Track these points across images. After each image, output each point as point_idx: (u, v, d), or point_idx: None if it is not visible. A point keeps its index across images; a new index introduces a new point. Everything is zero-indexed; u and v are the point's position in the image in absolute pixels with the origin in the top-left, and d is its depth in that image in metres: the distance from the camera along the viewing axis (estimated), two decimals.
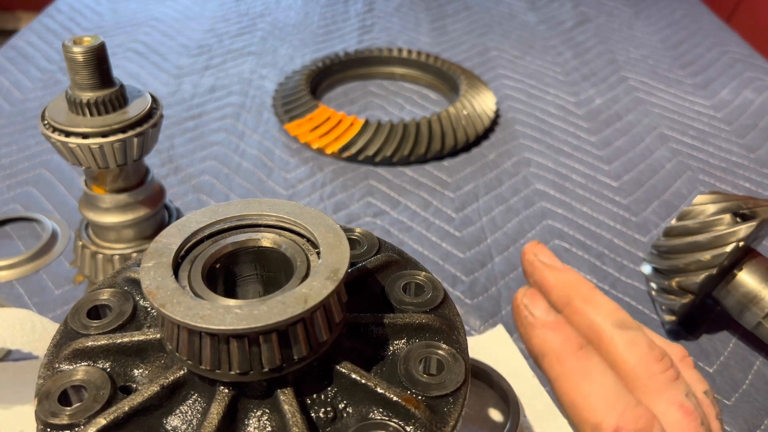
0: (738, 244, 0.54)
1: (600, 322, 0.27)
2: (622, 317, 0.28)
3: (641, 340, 0.27)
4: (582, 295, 0.28)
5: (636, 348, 0.26)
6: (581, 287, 0.29)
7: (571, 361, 0.26)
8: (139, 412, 0.28)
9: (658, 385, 0.26)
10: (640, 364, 0.26)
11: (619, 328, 0.27)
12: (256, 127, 0.92)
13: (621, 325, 0.27)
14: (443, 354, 0.31)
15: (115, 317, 0.32)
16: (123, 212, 0.53)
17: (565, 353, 0.26)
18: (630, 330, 0.27)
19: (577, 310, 0.28)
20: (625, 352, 0.26)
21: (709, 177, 0.84)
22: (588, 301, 0.28)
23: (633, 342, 0.27)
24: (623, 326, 0.27)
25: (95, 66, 0.46)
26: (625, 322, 0.27)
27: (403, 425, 0.28)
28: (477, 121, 0.90)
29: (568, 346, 0.26)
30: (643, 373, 0.26)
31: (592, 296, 0.28)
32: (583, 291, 0.28)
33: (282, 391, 0.28)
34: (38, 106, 0.96)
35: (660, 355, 0.26)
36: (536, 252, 0.30)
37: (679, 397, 0.25)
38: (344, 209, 0.77)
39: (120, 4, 1.32)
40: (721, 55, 1.16)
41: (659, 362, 0.26)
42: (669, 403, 0.25)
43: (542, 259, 0.30)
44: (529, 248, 0.31)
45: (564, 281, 0.29)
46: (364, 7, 1.33)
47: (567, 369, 0.26)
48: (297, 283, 0.28)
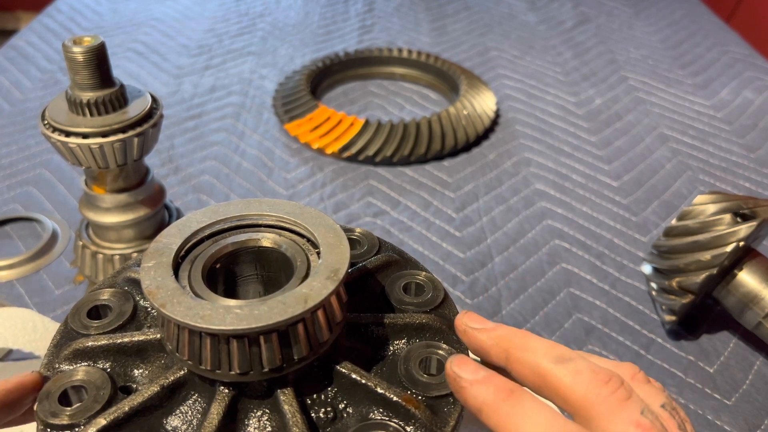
0: (738, 244, 0.54)
1: (539, 363, 0.27)
2: (560, 352, 0.28)
3: (583, 368, 0.27)
4: (516, 345, 0.29)
5: (580, 376, 0.26)
6: (514, 338, 0.29)
7: (505, 407, 0.26)
8: (140, 413, 0.28)
9: (611, 407, 0.26)
10: (588, 391, 0.26)
11: (559, 362, 0.27)
12: (256, 127, 0.92)
13: (559, 359, 0.27)
14: (443, 354, 0.31)
15: (116, 317, 0.32)
16: (123, 212, 0.53)
17: (497, 402, 0.27)
18: (570, 361, 0.27)
19: (517, 360, 0.28)
20: (570, 382, 0.26)
21: (709, 177, 0.84)
22: (524, 348, 0.28)
23: (576, 371, 0.27)
24: (562, 360, 0.27)
25: (95, 66, 0.46)
26: (563, 355, 0.28)
27: (403, 425, 0.28)
28: (477, 121, 0.90)
29: (499, 395, 0.27)
30: (593, 400, 0.26)
31: (527, 342, 0.29)
32: (517, 340, 0.29)
33: (282, 391, 0.28)
34: (38, 106, 0.96)
35: (606, 377, 0.26)
36: (465, 321, 0.31)
37: (634, 416, 0.25)
38: (344, 209, 0.77)
39: (120, 4, 1.32)
40: (721, 55, 1.16)
41: (607, 384, 0.26)
42: (625, 423, 0.25)
43: (473, 326, 0.31)
44: (459, 318, 0.31)
45: (497, 337, 0.30)
46: (364, 7, 1.33)
47: (502, 415, 0.26)
48: (297, 283, 0.28)
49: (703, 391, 0.57)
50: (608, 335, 0.61)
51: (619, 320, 0.63)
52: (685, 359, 0.60)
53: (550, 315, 0.63)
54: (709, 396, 0.56)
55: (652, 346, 0.61)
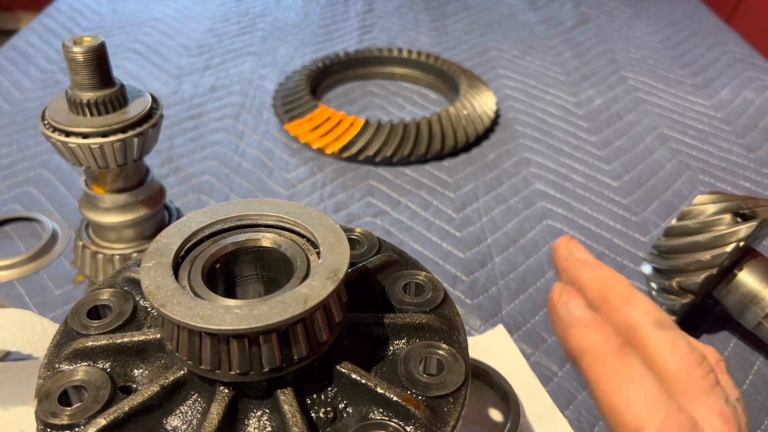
0: (738, 244, 0.54)
1: (639, 321, 0.26)
2: (661, 316, 0.27)
3: (681, 342, 0.26)
4: (619, 293, 0.27)
5: (676, 349, 0.25)
6: (618, 285, 0.28)
7: (611, 362, 0.25)
8: (139, 413, 0.27)
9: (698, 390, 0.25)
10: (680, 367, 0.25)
11: (659, 327, 0.26)
12: (256, 127, 0.92)
13: (660, 324, 0.26)
14: (443, 354, 0.31)
15: (115, 317, 0.32)
16: (123, 212, 0.53)
17: (605, 354, 0.25)
18: (669, 330, 0.26)
19: (614, 309, 0.27)
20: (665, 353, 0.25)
21: (709, 177, 0.84)
22: (626, 299, 0.27)
23: (673, 343, 0.26)
24: (663, 326, 0.26)
25: (95, 66, 0.46)
26: (663, 321, 0.26)
27: (403, 425, 0.28)
28: (477, 121, 0.90)
29: (608, 347, 0.25)
30: (683, 377, 0.25)
31: (630, 294, 0.27)
32: (621, 289, 0.27)
33: (282, 391, 0.28)
34: (38, 106, 0.96)
35: (700, 358, 0.26)
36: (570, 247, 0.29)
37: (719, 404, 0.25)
38: (344, 209, 0.77)
39: (120, 4, 1.32)
40: (721, 55, 1.16)
41: (699, 366, 0.25)
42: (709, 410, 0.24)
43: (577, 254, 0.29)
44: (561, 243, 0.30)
45: (600, 278, 0.28)
46: (364, 7, 1.33)
47: (608, 371, 0.25)
48: (297, 283, 0.28)
49: None
50: None
51: None
52: None
53: None
54: None
55: None
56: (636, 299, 0.27)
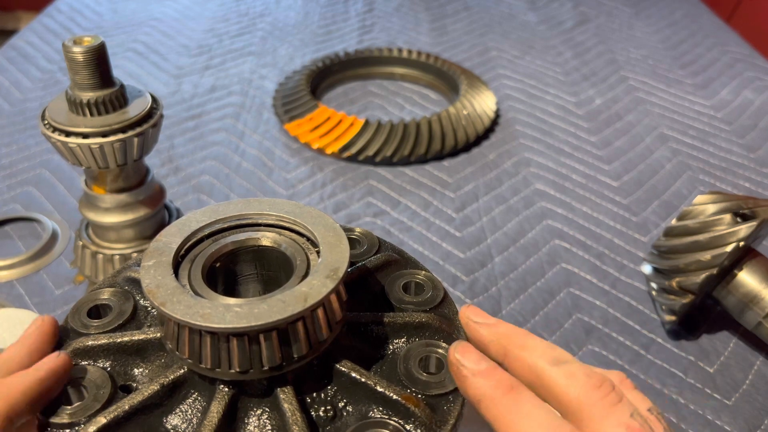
0: (738, 244, 0.54)
1: (536, 363, 0.28)
2: (557, 354, 0.29)
3: (578, 371, 0.28)
4: (516, 343, 0.30)
5: (574, 379, 0.27)
6: (514, 336, 0.30)
7: (504, 401, 0.27)
8: (140, 411, 0.28)
9: (602, 410, 0.26)
10: (581, 394, 0.27)
11: (555, 364, 0.28)
12: (256, 127, 0.92)
13: (556, 361, 0.28)
14: (443, 353, 0.31)
15: (116, 317, 0.32)
16: (123, 212, 0.53)
17: (497, 396, 0.27)
18: (566, 364, 0.28)
19: (515, 358, 0.29)
20: (564, 384, 0.27)
21: (709, 177, 0.84)
22: (523, 346, 0.29)
23: (570, 374, 0.27)
24: (558, 362, 0.28)
25: (95, 66, 0.46)
26: (559, 357, 0.28)
27: (402, 423, 0.28)
28: (477, 121, 0.90)
29: (499, 389, 0.28)
30: (586, 402, 0.27)
31: (525, 341, 0.30)
32: (517, 339, 0.30)
33: (282, 389, 0.28)
34: (38, 106, 0.96)
35: (599, 381, 0.27)
36: (468, 315, 0.32)
37: (624, 418, 0.26)
38: (344, 209, 0.77)
39: (120, 4, 1.32)
40: (721, 55, 1.16)
41: (599, 388, 0.27)
42: (615, 426, 0.26)
43: (475, 319, 0.32)
44: (462, 311, 0.33)
45: (498, 334, 0.31)
46: (364, 7, 1.33)
47: (501, 410, 0.27)
48: (297, 281, 0.28)
49: (703, 391, 0.57)
50: (608, 335, 0.61)
51: (619, 320, 0.63)
52: (685, 359, 0.60)
53: (550, 315, 0.63)
54: (709, 396, 0.56)
55: (652, 346, 0.61)
56: (531, 345, 0.29)
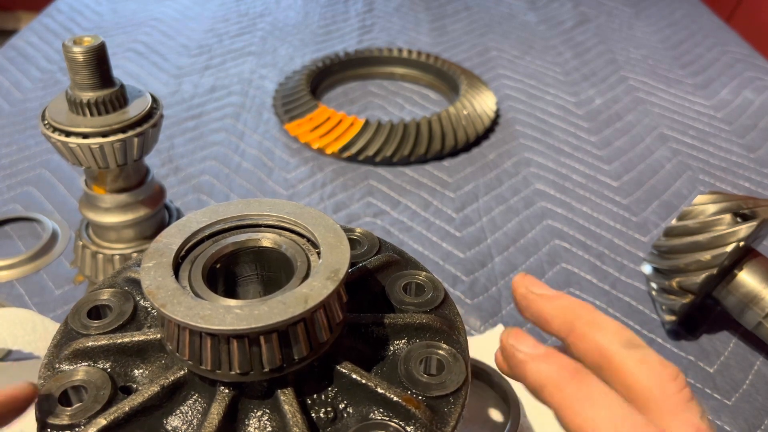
0: (738, 244, 0.54)
1: (607, 344, 0.26)
2: (629, 336, 0.27)
3: (653, 359, 0.26)
4: (584, 319, 0.27)
5: (648, 367, 0.26)
6: (582, 311, 0.28)
7: (570, 387, 0.25)
8: (140, 413, 0.27)
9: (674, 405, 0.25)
10: (653, 384, 0.25)
11: (628, 347, 0.26)
12: (256, 127, 0.92)
13: (629, 344, 0.26)
14: (444, 354, 0.31)
15: (116, 317, 0.32)
16: (123, 212, 0.53)
17: (562, 381, 0.26)
18: (639, 348, 0.26)
19: (581, 335, 0.27)
20: (636, 371, 0.26)
21: (709, 177, 0.84)
22: (591, 324, 0.27)
23: (644, 360, 0.26)
24: (632, 345, 0.26)
25: (95, 66, 0.46)
26: (632, 341, 0.27)
27: (403, 425, 0.28)
28: (477, 121, 0.90)
29: (564, 373, 0.26)
30: (657, 393, 0.25)
31: (595, 318, 0.27)
32: (585, 315, 0.28)
33: (282, 391, 0.28)
34: (38, 106, 0.96)
35: (674, 373, 0.26)
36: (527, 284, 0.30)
37: (695, 419, 0.24)
38: (344, 209, 0.77)
39: (120, 4, 1.32)
40: (721, 55, 1.16)
41: (674, 381, 0.25)
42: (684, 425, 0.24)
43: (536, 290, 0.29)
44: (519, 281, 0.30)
45: (562, 308, 0.28)
46: (364, 7, 1.33)
47: (567, 396, 0.25)
48: (297, 283, 0.28)
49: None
50: None
51: (619, 320, 0.63)
52: (685, 359, 0.60)
53: None
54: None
55: (652, 346, 0.60)
56: (602, 323, 0.27)
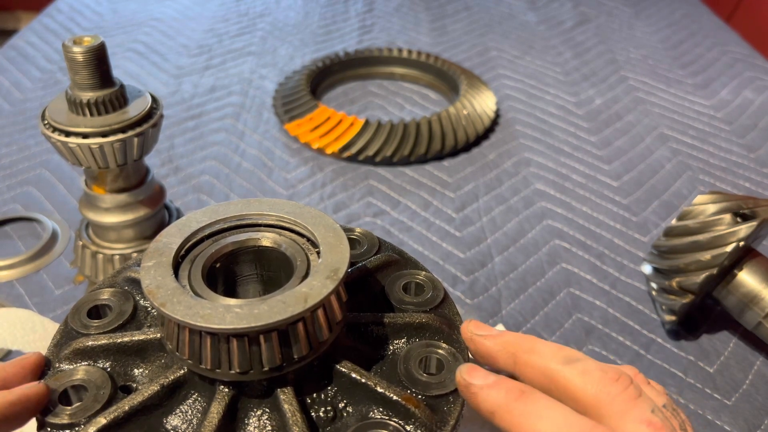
0: (738, 244, 0.54)
1: (548, 365, 0.28)
2: (567, 353, 0.28)
3: (592, 367, 0.27)
4: (524, 348, 0.29)
5: (589, 376, 0.27)
6: (521, 342, 0.30)
7: (517, 407, 0.27)
8: (140, 412, 0.28)
9: (621, 405, 0.26)
10: (598, 390, 0.26)
11: (567, 363, 0.28)
12: (256, 127, 0.92)
13: (567, 360, 0.28)
14: (443, 353, 0.31)
15: (116, 317, 0.32)
16: (123, 212, 0.53)
17: (510, 403, 0.27)
18: (578, 362, 0.28)
19: (525, 364, 0.29)
20: (580, 383, 0.27)
21: (709, 177, 0.84)
22: (531, 350, 0.29)
23: (585, 371, 0.27)
24: (570, 360, 0.28)
25: (95, 66, 0.46)
26: (570, 356, 0.28)
27: (403, 424, 0.28)
28: (477, 121, 0.90)
29: (510, 396, 0.27)
30: (604, 398, 0.26)
31: (534, 345, 0.29)
32: (524, 344, 0.29)
33: (282, 390, 0.28)
34: (38, 106, 0.96)
35: (615, 375, 0.27)
36: (471, 329, 0.32)
37: (645, 414, 0.25)
38: (344, 209, 0.77)
39: (120, 4, 1.32)
40: (721, 55, 1.16)
41: (617, 382, 0.26)
42: (636, 422, 0.25)
43: (479, 333, 0.31)
44: (464, 327, 0.32)
45: (504, 343, 0.30)
46: (364, 7, 1.33)
47: (515, 415, 0.27)
48: (297, 282, 0.28)
49: (703, 391, 0.57)
50: (608, 335, 0.61)
51: (619, 320, 0.63)
52: (685, 359, 0.60)
53: (550, 315, 0.63)
54: (709, 396, 0.56)
55: (652, 346, 0.61)
56: (540, 348, 0.29)
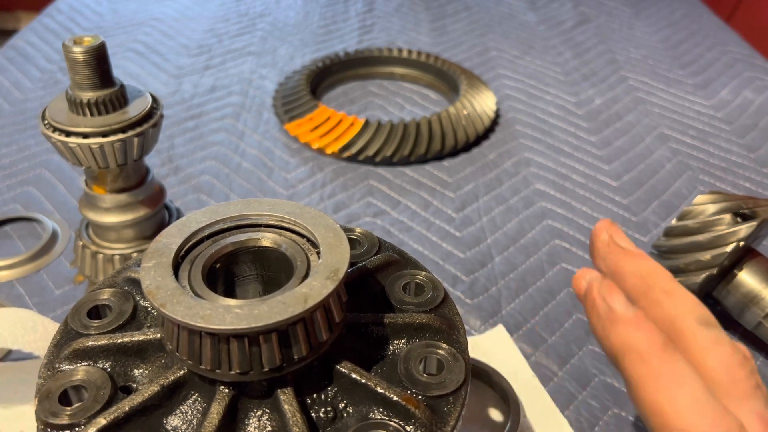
0: (738, 244, 0.54)
1: (682, 317, 0.25)
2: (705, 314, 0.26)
3: (725, 341, 0.25)
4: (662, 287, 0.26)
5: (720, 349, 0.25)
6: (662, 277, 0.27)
7: (656, 361, 0.24)
8: (140, 412, 0.28)
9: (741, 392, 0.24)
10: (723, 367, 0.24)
11: (703, 325, 0.25)
12: (256, 127, 0.92)
13: (705, 322, 0.25)
14: (443, 354, 0.31)
15: (116, 317, 0.32)
16: (123, 212, 0.53)
17: (649, 353, 0.24)
18: (713, 328, 0.25)
19: (656, 301, 0.26)
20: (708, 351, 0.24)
21: (709, 177, 0.84)
22: (669, 293, 0.26)
23: (717, 342, 0.25)
24: (706, 323, 0.25)
25: (95, 66, 0.46)
26: (708, 319, 0.25)
27: (403, 425, 0.28)
28: (477, 121, 0.90)
29: (652, 346, 0.24)
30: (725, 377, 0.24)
31: (674, 288, 0.26)
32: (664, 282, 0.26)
33: (282, 390, 0.28)
34: (38, 106, 0.96)
35: (744, 359, 0.25)
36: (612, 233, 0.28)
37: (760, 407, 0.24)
38: (344, 209, 0.77)
39: (120, 4, 1.32)
40: (721, 55, 1.16)
41: (742, 367, 0.24)
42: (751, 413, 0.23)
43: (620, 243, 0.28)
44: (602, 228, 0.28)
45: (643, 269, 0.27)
46: (364, 7, 1.33)
47: (652, 370, 0.24)
48: (297, 282, 0.28)
49: None
50: None
51: None
52: None
53: (550, 315, 0.63)
54: None
55: None
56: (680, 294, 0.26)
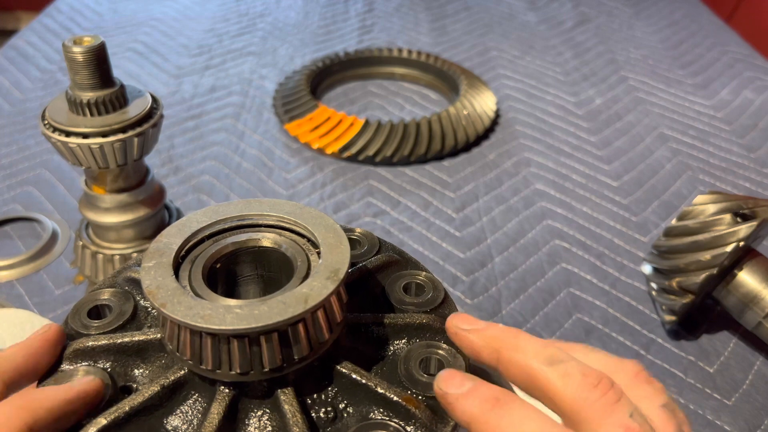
0: (738, 244, 0.54)
1: (530, 364, 0.27)
2: (551, 353, 0.28)
3: (573, 370, 0.27)
4: (508, 345, 0.28)
5: (570, 379, 0.26)
6: (505, 337, 0.29)
7: (492, 417, 0.26)
8: (140, 412, 0.28)
9: (600, 411, 0.25)
10: (577, 395, 0.26)
11: (549, 364, 0.27)
12: (256, 127, 0.92)
13: (550, 361, 0.27)
14: (444, 354, 0.31)
15: (116, 317, 0.32)
16: (123, 212, 0.53)
17: (484, 413, 0.26)
18: (561, 363, 0.27)
19: (508, 360, 0.28)
20: (560, 386, 0.26)
21: (709, 177, 0.84)
22: (515, 348, 0.28)
23: (565, 374, 0.26)
24: (552, 362, 0.27)
25: (95, 66, 0.46)
26: (554, 356, 0.27)
27: (403, 425, 0.28)
28: (477, 121, 0.90)
29: (485, 405, 0.26)
30: (582, 403, 0.26)
31: (518, 342, 0.28)
32: (508, 340, 0.29)
33: (282, 390, 0.28)
34: (38, 106, 0.96)
35: (596, 379, 0.26)
36: (456, 323, 0.31)
37: (623, 419, 0.25)
38: (344, 209, 0.77)
39: (120, 4, 1.32)
40: (721, 55, 1.16)
41: (596, 387, 0.26)
42: (613, 427, 0.25)
43: (463, 327, 0.30)
44: (449, 322, 0.31)
45: (488, 338, 0.29)
46: (364, 7, 1.33)
47: (491, 426, 0.26)
48: (297, 283, 0.28)
49: (703, 391, 0.57)
50: (608, 335, 0.61)
51: (619, 320, 0.63)
52: (685, 359, 0.60)
53: (550, 315, 0.63)
54: (709, 396, 0.56)
55: (652, 346, 0.61)
56: (524, 345, 0.28)
